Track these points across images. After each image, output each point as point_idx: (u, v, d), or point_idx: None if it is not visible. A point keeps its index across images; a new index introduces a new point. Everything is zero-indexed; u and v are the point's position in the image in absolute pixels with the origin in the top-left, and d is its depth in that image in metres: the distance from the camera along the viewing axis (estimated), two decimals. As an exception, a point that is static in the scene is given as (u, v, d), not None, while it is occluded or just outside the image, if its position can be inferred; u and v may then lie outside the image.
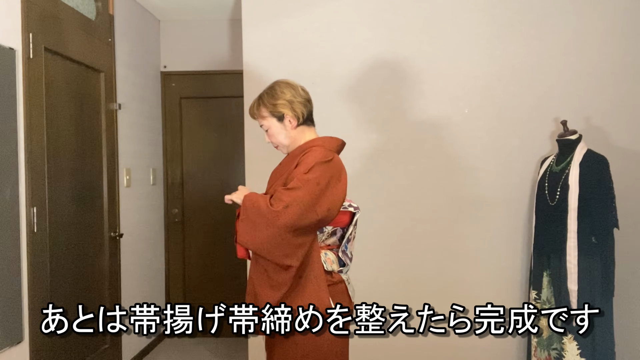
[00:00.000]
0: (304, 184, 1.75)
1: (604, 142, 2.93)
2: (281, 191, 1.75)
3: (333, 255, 1.95)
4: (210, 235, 4.22)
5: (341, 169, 1.90)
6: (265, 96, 1.96)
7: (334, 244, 1.99)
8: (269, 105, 1.94)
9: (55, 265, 2.60)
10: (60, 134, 2.69)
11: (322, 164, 1.82)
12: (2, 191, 2.19)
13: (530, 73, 3.02)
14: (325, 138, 1.97)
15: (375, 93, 3.09)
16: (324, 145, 1.92)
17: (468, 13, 3.05)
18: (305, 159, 1.84)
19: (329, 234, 1.95)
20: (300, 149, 1.94)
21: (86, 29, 2.92)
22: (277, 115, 1.94)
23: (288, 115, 1.93)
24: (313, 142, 1.94)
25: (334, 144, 1.97)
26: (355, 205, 2.00)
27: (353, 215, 1.99)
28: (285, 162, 1.99)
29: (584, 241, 2.54)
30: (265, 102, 1.95)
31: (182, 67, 4.16)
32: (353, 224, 1.99)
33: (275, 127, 1.96)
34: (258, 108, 1.98)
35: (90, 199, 3.00)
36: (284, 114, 1.93)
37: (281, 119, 1.94)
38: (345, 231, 1.99)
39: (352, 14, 3.10)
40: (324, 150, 1.89)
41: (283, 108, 1.93)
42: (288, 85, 1.96)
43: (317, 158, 1.83)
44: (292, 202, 1.71)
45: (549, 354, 2.67)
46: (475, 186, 3.06)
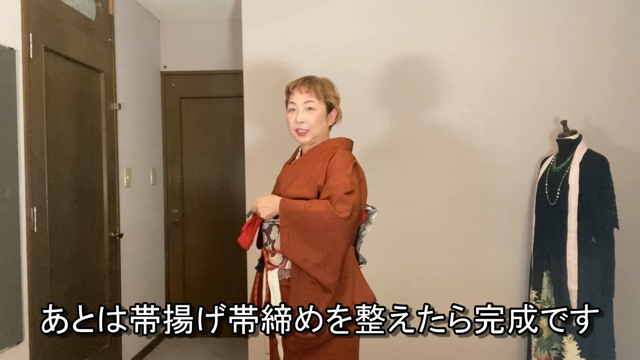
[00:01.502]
0: (355, 187, 1.83)
1: (604, 142, 2.93)
2: (343, 197, 1.79)
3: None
4: (210, 235, 4.22)
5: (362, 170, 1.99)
6: (326, 83, 2.01)
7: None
8: (329, 92, 1.99)
9: (55, 265, 2.60)
10: (60, 134, 2.69)
11: (355, 166, 1.90)
12: (2, 191, 2.20)
13: (530, 73, 3.03)
14: (342, 139, 2.05)
15: (375, 93, 3.09)
16: (345, 146, 2.01)
17: (468, 13, 3.05)
18: (337, 162, 1.88)
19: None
20: (321, 149, 1.97)
21: (86, 29, 2.92)
22: (329, 105, 2.00)
23: (336, 110, 2.02)
24: (334, 143, 2.00)
25: (350, 145, 2.06)
26: (372, 205, 2.04)
27: (369, 213, 2.02)
28: (305, 162, 1.98)
29: (584, 241, 2.54)
30: (326, 89, 1.99)
31: (182, 67, 4.16)
32: (370, 222, 2.03)
33: (322, 114, 1.98)
34: (319, 88, 1.97)
35: (90, 199, 3.00)
36: (334, 107, 2.01)
37: (330, 110, 2.00)
38: (360, 229, 2.02)
39: (352, 14, 3.10)
40: (349, 152, 1.98)
41: (336, 102, 2.03)
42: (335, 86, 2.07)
43: (352, 160, 1.91)
44: (352, 207, 1.79)
45: (549, 354, 2.67)
46: (475, 186, 3.06)
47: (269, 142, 3.14)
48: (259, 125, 3.15)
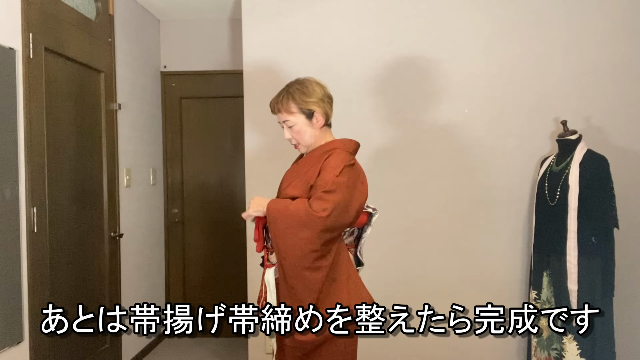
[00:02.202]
0: (338, 187, 1.77)
1: (604, 142, 2.93)
2: (320, 195, 1.76)
3: (350, 255, 1.98)
4: (210, 235, 4.22)
5: (362, 172, 1.93)
6: (297, 92, 1.91)
7: (351, 244, 2.01)
8: (300, 101, 1.90)
9: (55, 265, 2.60)
10: (60, 134, 2.69)
11: (349, 167, 1.83)
12: (2, 191, 2.19)
13: (530, 73, 3.03)
14: (344, 140, 1.97)
15: (375, 93, 3.09)
16: (344, 148, 1.92)
17: (468, 13, 3.05)
18: (330, 162, 1.84)
19: (349, 234, 1.99)
20: (321, 150, 1.93)
21: (86, 29, 2.92)
22: (307, 113, 1.91)
23: (318, 113, 1.91)
24: (334, 144, 1.93)
25: (353, 146, 1.97)
26: (373, 207, 2.02)
27: (370, 215, 2.01)
28: (306, 163, 1.96)
29: (584, 241, 2.54)
30: (296, 98, 1.90)
31: (182, 67, 4.16)
32: (370, 224, 2.01)
33: (303, 124, 1.92)
34: (287, 102, 1.92)
35: (90, 199, 3.00)
36: (314, 112, 1.91)
37: (310, 117, 1.91)
38: (361, 231, 2.01)
39: (352, 14, 3.10)
40: (346, 153, 1.90)
41: (314, 105, 1.90)
42: (318, 84, 1.95)
43: (344, 161, 1.83)
44: (332, 205, 1.74)
45: (549, 354, 2.67)
46: (475, 186, 3.06)
47: (269, 142, 3.14)
48: (259, 125, 3.15)
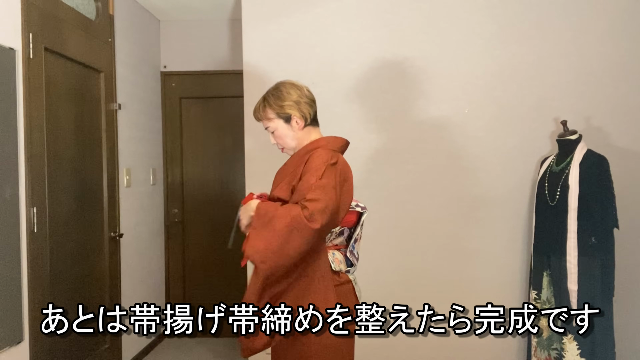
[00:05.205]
0: (323, 191, 1.72)
1: (604, 142, 2.93)
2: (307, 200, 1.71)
3: (340, 255, 1.95)
4: (210, 235, 4.22)
5: (347, 169, 1.89)
6: (271, 97, 1.93)
7: (342, 244, 1.99)
8: (275, 106, 1.92)
9: (55, 265, 2.60)
10: (60, 134, 2.69)
11: (331, 166, 1.80)
12: (2, 191, 2.19)
13: (530, 73, 3.02)
14: (330, 138, 1.95)
15: (375, 93, 3.09)
16: (328, 146, 1.89)
17: (468, 13, 3.05)
18: (311, 164, 1.80)
19: (337, 234, 1.95)
20: (304, 150, 1.91)
21: (86, 29, 2.92)
22: (284, 117, 1.92)
23: (295, 116, 1.91)
24: (317, 143, 1.91)
25: (338, 144, 1.95)
26: (362, 205, 1.99)
27: (360, 215, 1.99)
28: (291, 164, 1.95)
29: (584, 241, 2.54)
30: (272, 104, 1.92)
31: (182, 67, 4.16)
32: (360, 224, 1.99)
33: (282, 128, 1.93)
34: (264, 110, 1.95)
35: (90, 199, 3.00)
36: (291, 115, 1.91)
37: (288, 120, 1.92)
38: (352, 231, 1.99)
39: (352, 14, 3.10)
40: (328, 151, 1.86)
41: (290, 109, 1.90)
42: (293, 86, 1.95)
43: (325, 161, 1.80)
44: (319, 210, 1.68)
45: (549, 354, 2.67)
46: (475, 186, 3.06)
47: (268, 142, 3.10)
48: (259, 125, 3.12)
